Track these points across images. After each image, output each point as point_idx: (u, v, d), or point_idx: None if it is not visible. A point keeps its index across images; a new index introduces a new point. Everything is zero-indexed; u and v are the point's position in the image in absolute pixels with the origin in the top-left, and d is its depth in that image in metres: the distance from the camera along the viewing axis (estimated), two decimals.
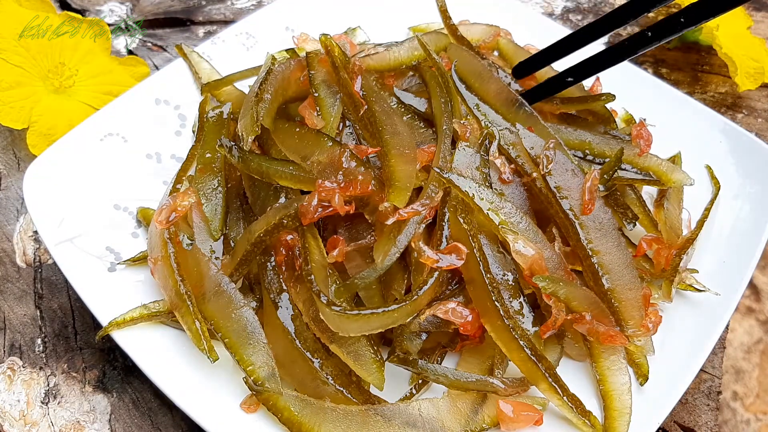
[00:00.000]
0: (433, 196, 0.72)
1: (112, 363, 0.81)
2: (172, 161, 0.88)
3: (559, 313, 0.70)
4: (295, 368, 0.70)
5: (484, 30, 0.99)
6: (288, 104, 0.85)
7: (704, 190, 0.88)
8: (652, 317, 0.74)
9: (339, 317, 0.65)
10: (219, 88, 0.93)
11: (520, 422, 0.68)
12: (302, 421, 0.67)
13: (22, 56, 0.95)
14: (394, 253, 0.69)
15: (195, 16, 1.21)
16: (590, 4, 1.27)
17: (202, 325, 0.69)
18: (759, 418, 0.82)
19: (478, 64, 0.87)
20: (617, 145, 0.83)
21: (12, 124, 0.93)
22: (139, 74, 1.03)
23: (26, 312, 0.84)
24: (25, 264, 0.89)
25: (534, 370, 0.68)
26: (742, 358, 0.86)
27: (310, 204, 0.70)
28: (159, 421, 0.77)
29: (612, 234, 0.76)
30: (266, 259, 0.74)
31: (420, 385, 0.73)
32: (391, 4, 1.07)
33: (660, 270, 0.79)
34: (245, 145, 0.77)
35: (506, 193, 0.77)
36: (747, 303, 0.91)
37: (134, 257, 0.78)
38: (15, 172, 0.97)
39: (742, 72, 1.06)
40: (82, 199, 0.81)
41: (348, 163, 0.71)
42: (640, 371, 0.73)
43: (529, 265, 0.71)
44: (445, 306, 0.70)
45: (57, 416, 0.76)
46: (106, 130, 0.87)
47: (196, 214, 0.78)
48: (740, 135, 0.90)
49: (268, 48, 0.96)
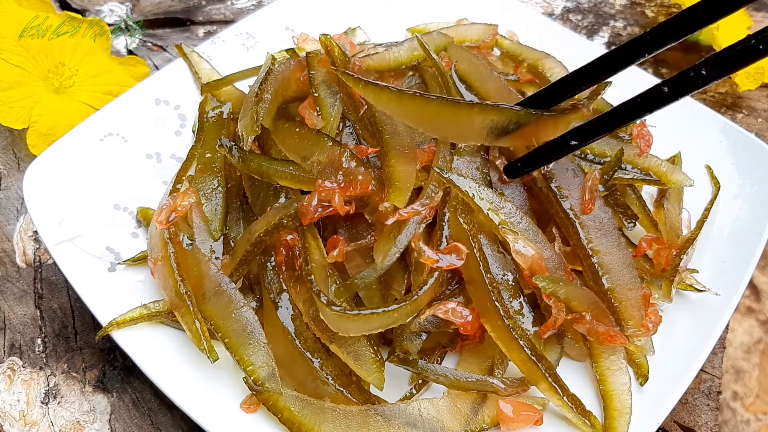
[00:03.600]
0: (433, 196, 0.72)
1: (112, 363, 0.81)
2: (172, 161, 0.88)
3: (559, 313, 0.70)
4: (295, 368, 0.70)
5: (483, 29, 0.99)
6: (288, 104, 0.84)
7: (704, 190, 0.88)
8: (652, 317, 0.74)
9: (339, 317, 0.66)
10: (219, 88, 0.93)
11: (520, 422, 0.68)
12: (302, 421, 0.67)
13: (22, 56, 0.95)
14: (394, 253, 0.69)
15: (195, 16, 1.21)
16: (590, 4, 1.28)
17: (202, 325, 0.69)
18: (759, 418, 0.82)
19: (478, 63, 0.87)
20: (617, 145, 0.83)
21: (12, 124, 0.93)
22: (139, 74, 1.03)
23: (26, 312, 0.84)
24: (25, 264, 0.89)
25: (534, 370, 0.68)
26: (742, 358, 0.86)
27: (310, 204, 0.70)
28: (159, 421, 0.77)
29: (612, 234, 0.76)
30: (266, 259, 0.74)
31: (420, 385, 0.73)
32: (391, 4, 1.07)
33: (660, 270, 0.79)
34: (245, 145, 0.77)
35: (506, 193, 0.77)
36: (747, 303, 0.91)
37: (134, 257, 0.78)
38: (15, 172, 0.97)
39: (742, 72, 1.06)
40: (82, 199, 0.81)
41: (348, 163, 0.72)
42: (640, 371, 0.73)
43: (529, 265, 0.71)
44: (445, 306, 0.70)
45: (57, 416, 0.76)
46: (106, 130, 0.87)
47: (196, 214, 0.78)
48: (740, 135, 0.90)
49: (268, 48, 0.96)
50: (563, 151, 0.72)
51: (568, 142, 0.70)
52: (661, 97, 0.61)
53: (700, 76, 0.58)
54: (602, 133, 0.69)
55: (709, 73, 0.57)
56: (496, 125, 0.72)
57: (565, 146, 0.71)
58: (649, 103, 0.63)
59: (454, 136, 0.75)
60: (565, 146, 0.71)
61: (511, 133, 0.73)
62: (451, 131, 0.74)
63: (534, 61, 0.93)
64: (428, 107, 0.71)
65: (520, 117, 0.72)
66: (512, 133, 0.73)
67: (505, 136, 0.73)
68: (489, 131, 0.73)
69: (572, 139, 0.70)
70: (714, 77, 0.57)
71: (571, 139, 0.70)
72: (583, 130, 0.70)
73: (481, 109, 0.72)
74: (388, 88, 0.71)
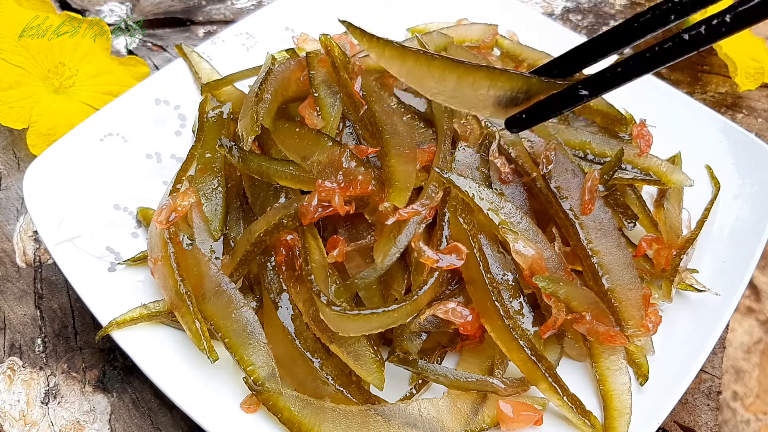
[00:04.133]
0: (433, 196, 0.72)
1: (112, 363, 0.81)
2: (172, 161, 0.88)
3: (559, 313, 0.70)
4: (295, 368, 0.70)
5: (483, 29, 0.99)
6: (288, 104, 0.84)
7: (704, 190, 0.88)
8: (652, 317, 0.74)
9: (339, 317, 0.66)
10: (219, 88, 0.93)
11: (520, 422, 0.68)
12: (302, 421, 0.67)
13: (22, 56, 0.95)
14: (394, 253, 0.69)
15: (195, 16, 1.21)
16: (590, 4, 1.27)
17: (202, 325, 0.69)
18: (759, 418, 0.82)
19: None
20: (617, 145, 0.83)
21: (12, 124, 0.93)
22: (139, 74, 1.03)
23: (26, 312, 0.84)
24: (25, 264, 0.89)
25: (534, 370, 0.68)
26: (742, 358, 0.86)
27: (310, 204, 0.70)
28: (159, 421, 0.77)
29: (612, 234, 0.76)
30: (266, 259, 0.74)
31: (420, 385, 0.73)
32: (391, 4, 1.07)
33: (660, 270, 0.79)
34: (245, 145, 0.77)
35: (506, 193, 0.77)
36: (747, 303, 0.91)
37: (134, 257, 0.78)
38: (15, 172, 0.97)
39: (742, 72, 1.06)
40: (82, 199, 0.81)
41: (348, 163, 0.72)
42: (640, 371, 0.73)
43: (529, 265, 0.71)
44: (445, 306, 0.70)
45: (57, 416, 0.76)
46: (106, 130, 0.87)
47: (196, 214, 0.78)
48: (740, 135, 0.90)
49: (268, 48, 0.96)
50: (573, 102, 0.64)
51: (578, 92, 0.63)
52: (680, 46, 0.55)
53: (723, 23, 0.53)
54: (617, 84, 0.61)
55: (733, 21, 0.52)
56: (505, 94, 0.67)
57: (575, 96, 0.63)
58: (668, 52, 0.56)
59: (459, 103, 0.69)
60: (576, 97, 0.63)
61: (521, 104, 0.67)
62: (457, 98, 0.68)
63: (534, 61, 0.93)
64: (431, 67, 0.67)
65: (531, 85, 0.66)
66: (522, 105, 0.67)
67: (514, 107, 0.67)
68: (496, 100, 0.67)
69: (584, 88, 0.62)
70: (740, 26, 0.52)
71: (583, 88, 0.63)
72: (596, 80, 0.62)
73: (488, 73, 0.66)
74: (392, 43, 0.68)
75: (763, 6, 0.51)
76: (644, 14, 0.60)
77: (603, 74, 0.61)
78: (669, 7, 0.59)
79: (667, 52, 0.56)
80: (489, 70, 0.67)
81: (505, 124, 0.70)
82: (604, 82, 0.61)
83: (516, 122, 0.68)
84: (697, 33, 0.54)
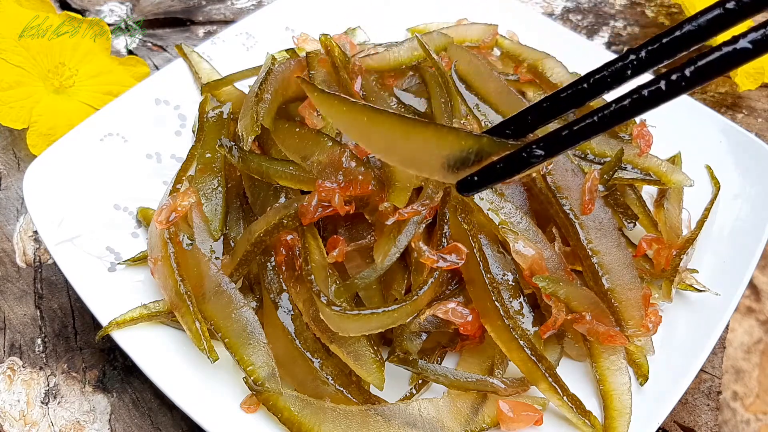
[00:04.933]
0: (433, 196, 0.72)
1: (112, 363, 0.81)
2: (172, 161, 0.88)
3: (559, 313, 0.70)
4: (295, 368, 0.70)
5: (483, 29, 0.99)
6: (288, 104, 0.84)
7: (704, 190, 0.88)
8: (652, 317, 0.74)
9: (339, 317, 0.66)
10: (219, 88, 0.93)
11: (520, 422, 0.68)
12: (302, 421, 0.67)
13: (22, 56, 0.95)
14: (394, 253, 0.69)
15: (195, 16, 1.21)
16: (590, 4, 1.27)
17: (202, 325, 0.69)
18: (759, 418, 0.82)
19: (478, 64, 0.87)
20: (617, 145, 0.83)
21: (12, 124, 0.93)
22: (139, 74, 1.03)
23: (26, 312, 0.84)
24: (25, 264, 0.89)
25: (534, 370, 0.68)
26: (742, 358, 0.86)
27: (310, 204, 0.70)
28: (159, 421, 0.77)
29: (612, 234, 0.76)
30: (266, 259, 0.74)
31: (420, 385, 0.73)
32: (391, 4, 1.07)
33: (660, 270, 0.79)
34: (245, 145, 0.77)
35: (506, 193, 0.77)
36: (747, 303, 0.91)
37: (134, 257, 0.78)
38: (15, 172, 0.97)
39: (742, 72, 1.06)
40: (82, 199, 0.81)
41: (348, 163, 0.71)
42: (640, 371, 0.73)
43: (529, 265, 0.71)
44: (445, 306, 0.70)
45: (57, 416, 0.76)
46: (106, 130, 0.87)
47: (196, 214, 0.78)
48: (740, 135, 0.90)
49: (268, 48, 0.96)
50: (529, 163, 0.57)
51: (534, 152, 0.57)
52: (654, 96, 0.50)
53: (683, 78, 0.48)
54: (574, 142, 0.55)
55: (692, 76, 0.48)
56: (454, 154, 0.59)
57: (530, 156, 0.57)
58: (637, 103, 0.51)
59: (411, 163, 0.63)
60: (531, 156, 0.57)
61: (472, 165, 0.60)
62: (406, 157, 0.62)
63: (534, 61, 0.93)
64: (379, 123, 0.61)
65: (482, 145, 0.58)
66: (473, 166, 0.60)
67: (465, 169, 0.60)
68: (446, 161, 0.59)
69: (539, 149, 0.57)
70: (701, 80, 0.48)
71: (537, 148, 0.57)
72: (551, 139, 0.56)
73: (435, 131, 0.59)
74: (339, 97, 0.63)
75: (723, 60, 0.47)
76: (599, 71, 0.55)
77: (558, 133, 0.56)
78: (625, 64, 0.53)
79: (626, 109, 0.51)
80: (437, 127, 0.60)
81: (456, 187, 0.63)
82: (560, 141, 0.56)
83: (467, 185, 0.62)
84: (657, 89, 0.49)
